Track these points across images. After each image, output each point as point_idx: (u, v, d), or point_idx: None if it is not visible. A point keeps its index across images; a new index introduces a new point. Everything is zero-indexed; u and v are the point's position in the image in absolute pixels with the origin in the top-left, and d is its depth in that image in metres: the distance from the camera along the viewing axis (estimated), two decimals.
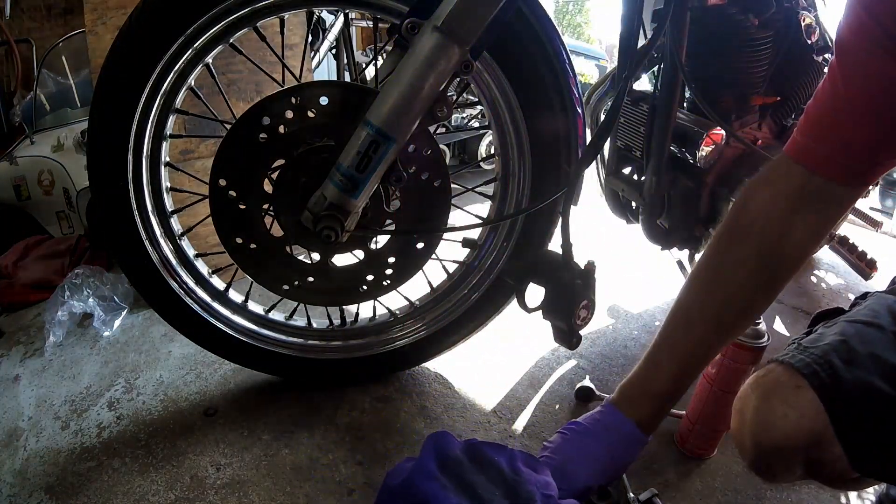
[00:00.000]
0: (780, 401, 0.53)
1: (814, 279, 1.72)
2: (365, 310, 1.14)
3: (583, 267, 0.85)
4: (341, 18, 2.07)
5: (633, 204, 1.28)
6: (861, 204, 1.61)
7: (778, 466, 0.55)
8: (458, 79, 0.74)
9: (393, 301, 1.09)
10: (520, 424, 1.06)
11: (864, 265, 1.26)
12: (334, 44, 2.13)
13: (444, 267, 1.09)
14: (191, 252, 1.00)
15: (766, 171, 0.64)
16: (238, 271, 0.95)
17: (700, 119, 1.11)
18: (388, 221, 0.92)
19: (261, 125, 0.81)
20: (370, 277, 0.98)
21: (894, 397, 0.49)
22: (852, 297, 0.67)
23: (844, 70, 0.55)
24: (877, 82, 0.53)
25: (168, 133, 0.91)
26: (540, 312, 0.87)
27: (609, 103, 1.29)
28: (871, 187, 1.50)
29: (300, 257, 0.96)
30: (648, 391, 0.74)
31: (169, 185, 0.95)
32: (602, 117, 1.32)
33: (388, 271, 0.98)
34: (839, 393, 0.50)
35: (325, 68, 2.43)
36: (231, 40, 0.86)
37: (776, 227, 0.61)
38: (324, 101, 0.82)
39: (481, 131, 2.55)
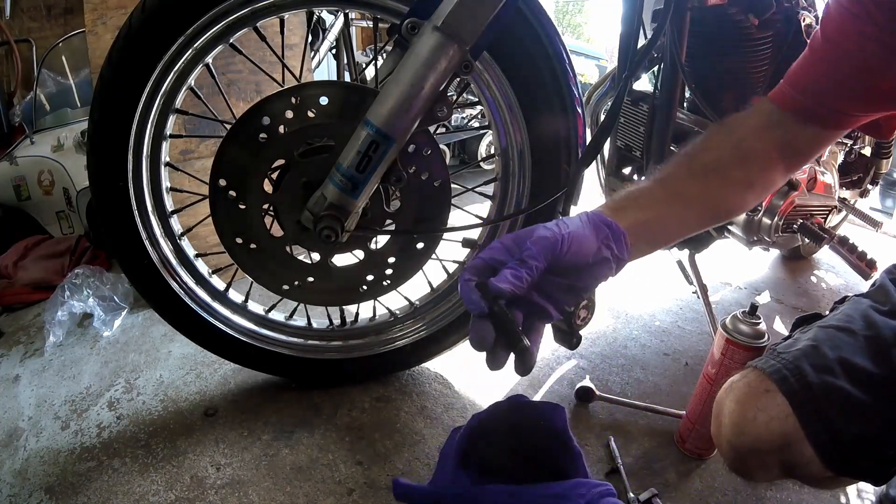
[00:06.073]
0: (751, 405, 0.55)
1: (814, 279, 1.72)
2: (365, 310, 1.14)
3: None
4: (341, 18, 2.07)
5: None
6: (861, 204, 1.61)
7: (754, 467, 0.57)
8: (458, 79, 0.74)
9: (393, 301, 1.09)
10: None
11: (864, 265, 1.26)
12: (334, 44, 2.13)
13: (444, 267, 1.09)
14: (191, 252, 1.00)
15: (752, 103, 0.75)
16: (238, 271, 0.95)
17: (700, 119, 1.11)
18: (388, 221, 0.92)
19: (261, 125, 0.81)
20: (370, 277, 0.98)
21: (861, 400, 0.51)
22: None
23: (825, 31, 0.65)
24: (849, 38, 0.62)
25: (168, 133, 0.91)
26: None
27: (609, 103, 1.29)
28: (870, 188, 1.50)
29: (300, 257, 0.96)
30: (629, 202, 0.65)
31: (169, 185, 0.95)
32: (602, 117, 1.32)
33: (388, 271, 0.98)
34: (808, 396, 0.52)
35: (325, 68, 2.43)
36: (231, 40, 0.86)
37: (747, 129, 0.72)
38: (324, 101, 0.82)
39: (481, 131, 2.55)
